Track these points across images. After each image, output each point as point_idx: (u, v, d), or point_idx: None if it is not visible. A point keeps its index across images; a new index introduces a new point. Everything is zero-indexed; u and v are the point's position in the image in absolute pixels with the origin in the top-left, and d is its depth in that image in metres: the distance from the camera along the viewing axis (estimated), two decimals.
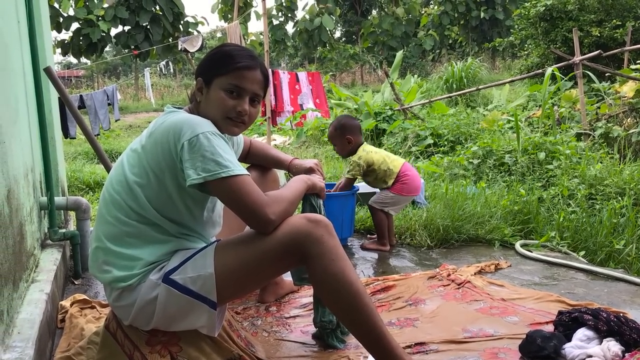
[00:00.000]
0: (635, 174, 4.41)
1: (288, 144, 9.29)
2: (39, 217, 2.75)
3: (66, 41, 22.79)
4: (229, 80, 1.77)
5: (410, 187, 3.44)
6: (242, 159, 2.35)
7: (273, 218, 1.67)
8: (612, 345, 1.86)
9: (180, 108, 1.84)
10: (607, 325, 1.94)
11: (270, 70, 9.05)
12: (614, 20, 11.57)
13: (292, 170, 2.30)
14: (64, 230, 2.90)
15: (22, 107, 2.43)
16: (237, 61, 1.78)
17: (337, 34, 33.49)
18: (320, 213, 2.10)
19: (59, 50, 23.22)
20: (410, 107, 8.90)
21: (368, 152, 3.45)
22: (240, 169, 1.66)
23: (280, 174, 2.76)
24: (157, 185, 1.70)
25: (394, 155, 3.59)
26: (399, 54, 12.60)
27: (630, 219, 3.62)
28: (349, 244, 3.63)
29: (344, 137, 3.42)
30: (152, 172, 1.69)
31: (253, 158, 2.38)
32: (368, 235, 3.79)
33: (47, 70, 3.00)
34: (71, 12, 21.86)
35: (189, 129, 1.64)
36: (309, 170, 2.24)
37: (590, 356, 1.84)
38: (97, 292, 2.74)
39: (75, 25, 22.33)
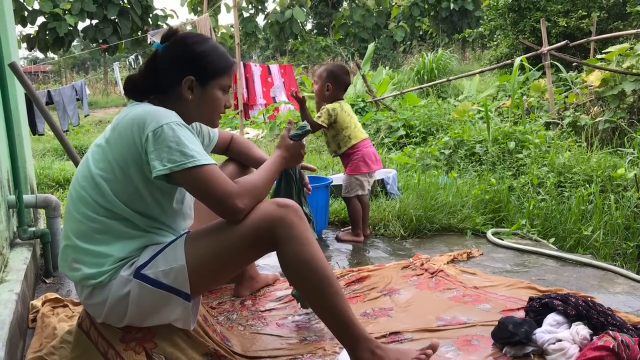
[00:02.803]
0: (602, 161, 4.51)
1: (261, 137, 9.25)
2: (8, 216, 2.70)
3: (32, 35, 22.31)
4: (225, 81, 1.83)
5: (365, 163, 3.43)
6: (222, 152, 2.34)
7: (241, 207, 1.66)
8: (581, 329, 1.91)
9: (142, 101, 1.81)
10: (576, 310, 1.99)
11: (242, 63, 9.00)
12: (580, 11, 11.79)
13: None
14: (33, 229, 2.85)
15: None
16: (229, 62, 1.84)
17: (309, 26, 33.36)
18: (295, 181, 2.12)
19: (24, 45, 22.70)
20: (382, 98, 8.94)
21: (342, 109, 3.41)
22: (207, 158, 1.65)
23: None
24: (123, 178, 1.67)
25: (361, 129, 3.55)
26: (371, 46, 12.65)
27: (597, 206, 3.70)
28: (323, 236, 3.64)
29: (326, 82, 3.41)
30: (118, 166, 1.67)
31: (233, 153, 2.37)
32: (342, 228, 3.80)
33: (12, 66, 2.93)
34: (36, 6, 21.37)
35: (152, 120, 1.63)
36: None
37: (560, 340, 1.88)
38: (69, 290, 2.70)
39: (41, 19, 21.85)
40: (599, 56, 7.25)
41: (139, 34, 22.16)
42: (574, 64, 8.54)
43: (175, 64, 1.79)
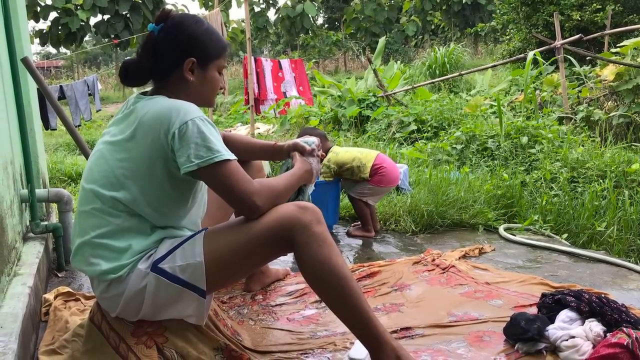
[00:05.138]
0: (616, 156, 4.46)
1: (272, 132, 9.26)
2: (20, 210, 2.71)
3: (44, 31, 22.43)
4: (222, 63, 1.85)
5: (388, 179, 3.44)
6: None
7: (260, 205, 1.68)
8: (594, 326, 1.89)
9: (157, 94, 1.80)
10: (589, 307, 1.97)
11: (253, 58, 9.00)
12: (594, 4, 11.65)
13: (283, 151, 2.21)
14: (46, 223, 2.87)
15: None
16: (225, 43, 1.86)
17: (320, 21, 33.32)
18: (304, 196, 2.11)
19: (37, 40, 22.84)
20: (394, 93, 8.91)
21: (337, 153, 3.48)
22: (231, 154, 1.66)
23: (265, 163, 2.68)
24: (149, 175, 1.67)
25: (367, 149, 3.60)
26: (382, 40, 12.59)
27: (611, 201, 3.67)
28: (334, 231, 3.64)
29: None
30: (144, 164, 1.67)
31: (234, 151, 2.32)
32: (353, 223, 3.79)
33: (25, 61, 2.94)
34: (49, 1, 21.49)
35: (177, 116, 1.63)
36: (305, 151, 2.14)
37: (573, 337, 1.86)
38: (81, 284, 2.71)
39: (53, 15, 21.98)
40: (613, 50, 7.17)
41: None
42: (587, 58, 8.44)
43: (176, 46, 1.77)
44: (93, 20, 23.09)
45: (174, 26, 1.77)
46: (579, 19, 11.59)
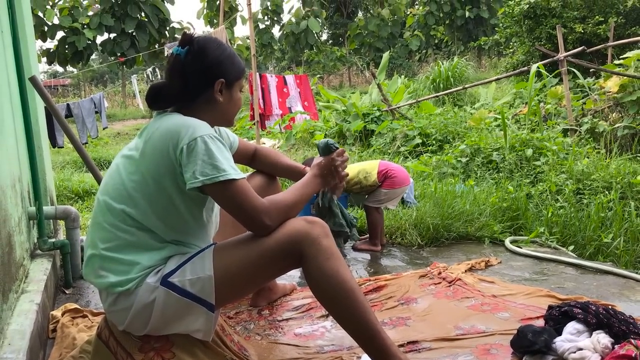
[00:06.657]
0: (622, 167, 4.45)
1: (277, 147, 9.29)
2: (28, 227, 2.73)
3: (52, 50, 22.63)
4: (242, 82, 1.91)
5: (401, 179, 3.45)
6: (246, 162, 2.34)
7: (269, 223, 1.70)
8: (602, 338, 1.88)
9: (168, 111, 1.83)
10: (597, 318, 1.96)
11: (258, 74, 9.06)
12: (597, 17, 11.69)
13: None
14: (53, 240, 2.88)
15: (7, 117, 2.42)
16: (243, 63, 1.91)
17: (324, 37, 33.47)
18: (324, 208, 2.13)
19: (44, 59, 23.05)
20: (398, 107, 8.93)
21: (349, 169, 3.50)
22: (238, 173, 1.67)
23: None
24: (157, 190, 1.70)
25: (368, 161, 3.66)
26: (386, 55, 12.66)
27: (617, 213, 3.65)
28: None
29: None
30: (152, 178, 1.69)
31: (260, 164, 2.35)
32: (359, 237, 3.79)
33: (32, 80, 2.98)
34: (56, 21, 21.70)
35: (186, 132, 1.65)
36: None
37: (581, 349, 1.86)
38: (88, 300, 2.72)
39: (60, 34, 22.18)
40: (616, 62, 7.18)
41: (156, 46, 22.42)
42: (591, 70, 8.46)
43: (206, 69, 1.80)
44: (99, 39, 23.29)
45: (200, 49, 1.81)
46: (582, 31, 11.63)
